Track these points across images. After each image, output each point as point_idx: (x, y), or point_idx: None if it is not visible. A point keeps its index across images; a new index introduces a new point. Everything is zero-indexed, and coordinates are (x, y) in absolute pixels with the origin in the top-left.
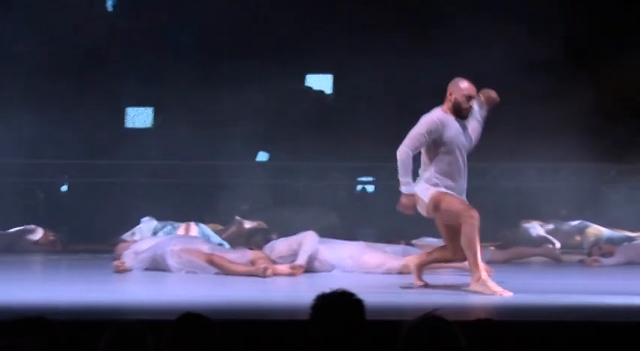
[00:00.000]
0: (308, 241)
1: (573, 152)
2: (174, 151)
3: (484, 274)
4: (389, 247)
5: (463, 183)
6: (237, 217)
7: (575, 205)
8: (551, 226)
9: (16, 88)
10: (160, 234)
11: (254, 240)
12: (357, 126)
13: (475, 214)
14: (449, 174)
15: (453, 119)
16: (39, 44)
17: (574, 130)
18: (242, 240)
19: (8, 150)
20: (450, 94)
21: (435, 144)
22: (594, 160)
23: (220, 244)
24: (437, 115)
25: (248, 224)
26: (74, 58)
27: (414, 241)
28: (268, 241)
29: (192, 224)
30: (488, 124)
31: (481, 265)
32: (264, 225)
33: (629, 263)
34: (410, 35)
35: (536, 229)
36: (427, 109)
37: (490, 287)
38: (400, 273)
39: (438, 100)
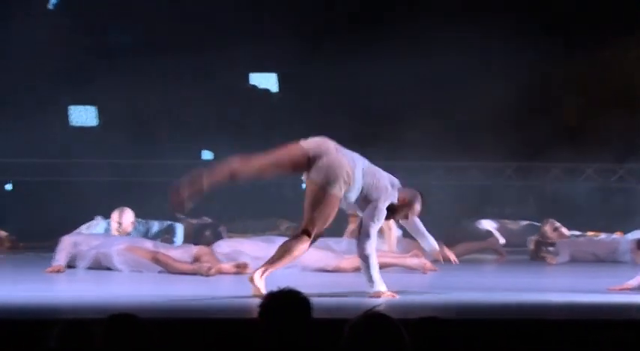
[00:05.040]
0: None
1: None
2: (119, 149)
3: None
4: (335, 243)
5: None
6: (181, 216)
7: (520, 204)
8: (496, 225)
9: None
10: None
11: (204, 236)
12: (303, 125)
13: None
14: None
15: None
16: None
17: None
18: (191, 236)
19: None
20: (404, 200)
21: None
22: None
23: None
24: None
25: (194, 221)
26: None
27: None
28: (218, 236)
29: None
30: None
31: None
32: (208, 220)
33: (573, 260)
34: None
35: (482, 224)
36: (382, 108)
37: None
38: (335, 271)
39: (393, 98)
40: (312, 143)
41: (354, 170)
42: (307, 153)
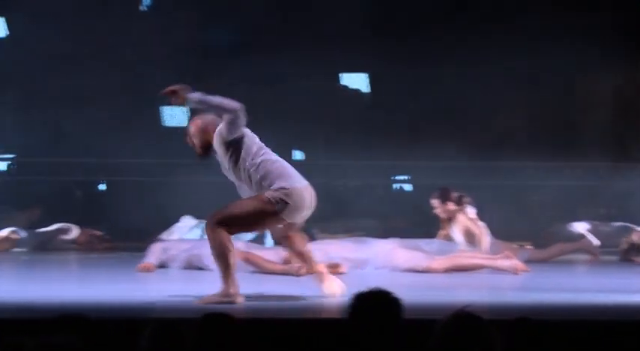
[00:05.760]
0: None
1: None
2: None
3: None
4: (426, 245)
5: None
6: None
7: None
8: (589, 226)
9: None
10: (197, 231)
11: None
12: (393, 125)
13: None
14: None
15: None
16: (79, 44)
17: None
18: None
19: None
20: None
21: None
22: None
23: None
24: None
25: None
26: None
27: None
28: (311, 238)
29: None
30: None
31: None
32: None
33: None
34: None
35: (575, 226)
36: (465, 107)
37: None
38: (425, 272)
39: (485, 97)
40: None
41: None
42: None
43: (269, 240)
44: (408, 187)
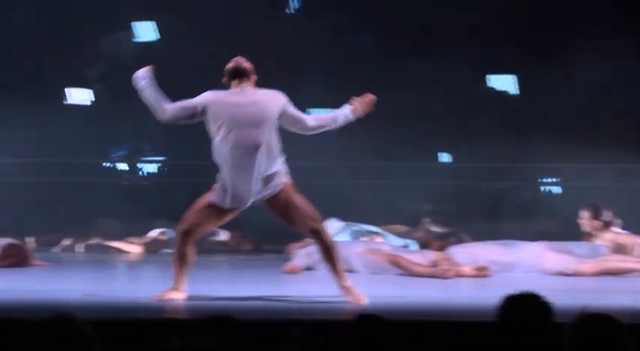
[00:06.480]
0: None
1: None
2: (363, 152)
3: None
4: (575, 247)
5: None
6: (424, 220)
7: None
8: None
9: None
10: (344, 234)
11: (447, 242)
12: (541, 127)
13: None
14: None
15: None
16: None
17: None
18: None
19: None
20: None
21: None
22: None
23: (406, 246)
24: None
25: (435, 229)
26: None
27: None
28: (460, 241)
29: (377, 238)
30: None
31: None
32: (450, 230)
33: None
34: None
35: None
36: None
37: None
38: (574, 275)
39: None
40: None
41: None
42: None
43: (393, 239)
44: (556, 189)
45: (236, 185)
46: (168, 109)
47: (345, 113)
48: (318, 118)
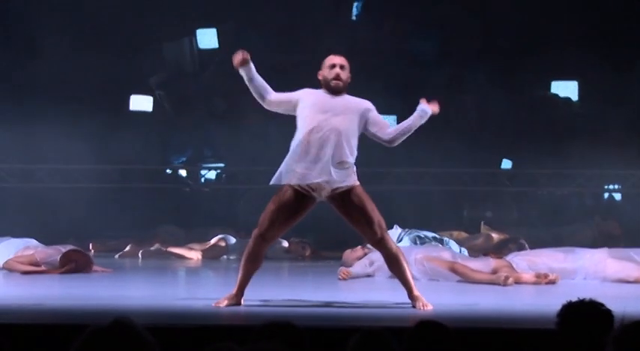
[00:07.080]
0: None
1: None
2: (427, 159)
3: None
4: (637, 255)
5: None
6: (485, 226)
7: None
8: None
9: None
10: (404, 240)
11: (508, 249)
12: (602, 136)
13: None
14: None
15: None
16: (286, 53)
17: None
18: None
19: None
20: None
21: None
22: None
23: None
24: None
25: (496, 235)
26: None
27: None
28: (521, 248)
29: (437, 244)
30: None
31: None
32: (510, 236)
33: None
34: None
35: None
36: None
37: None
38: (636, 282)
39: None
40: None
41: None
42: None
43: (453, 246)
44: (618, 195)
45: (304, 162)
46: (273, 97)
47: (418, 114)
48: (396, 128)
